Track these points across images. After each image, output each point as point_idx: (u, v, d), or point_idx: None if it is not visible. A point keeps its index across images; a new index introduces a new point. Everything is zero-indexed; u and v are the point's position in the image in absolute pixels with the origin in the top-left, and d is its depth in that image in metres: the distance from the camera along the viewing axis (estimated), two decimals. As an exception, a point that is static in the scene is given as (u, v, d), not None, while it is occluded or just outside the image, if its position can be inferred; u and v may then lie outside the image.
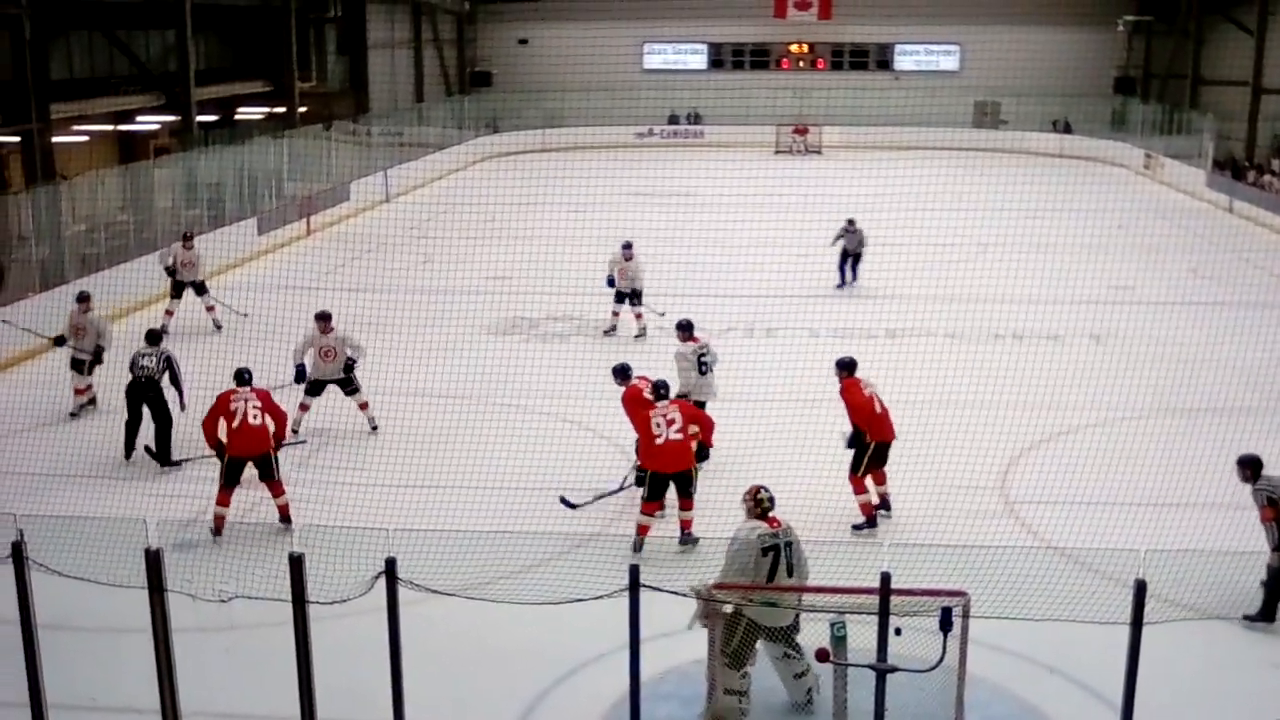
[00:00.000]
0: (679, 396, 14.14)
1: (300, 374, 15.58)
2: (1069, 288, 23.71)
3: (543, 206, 29.88)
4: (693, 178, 36.91)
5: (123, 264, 23.53)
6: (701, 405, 14.34)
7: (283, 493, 12.72)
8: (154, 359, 15.15)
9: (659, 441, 12.07)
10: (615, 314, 21.12)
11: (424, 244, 28.27)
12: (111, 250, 24.65)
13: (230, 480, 12.39)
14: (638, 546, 11.75)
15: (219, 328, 21.76)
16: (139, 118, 34.01)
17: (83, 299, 17.17)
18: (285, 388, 14.93)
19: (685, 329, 15.40)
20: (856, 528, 12.82)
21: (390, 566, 7.80)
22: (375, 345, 16.37)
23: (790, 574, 8.89)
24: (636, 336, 20.66)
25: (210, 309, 21.99)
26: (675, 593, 8.13)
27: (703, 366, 15.06)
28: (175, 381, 15.09)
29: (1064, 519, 12.85)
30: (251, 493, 13.89)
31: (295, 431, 15.16)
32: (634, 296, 20.91)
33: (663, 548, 8.82)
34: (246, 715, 9.46)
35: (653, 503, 12.05)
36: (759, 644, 8.90)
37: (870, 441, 12.87)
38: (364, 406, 15.92)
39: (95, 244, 24.86)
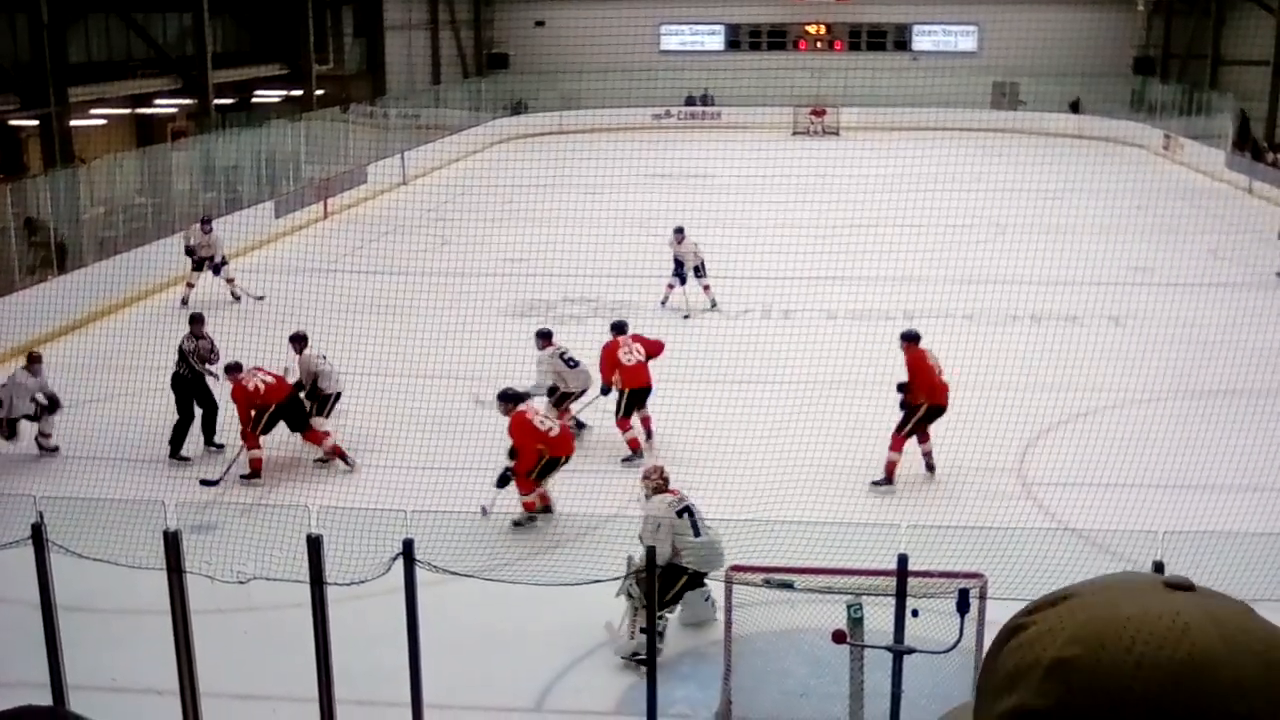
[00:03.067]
0: (552, 394, 14.97)
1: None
2: (1087, 269, 23.61)
3: (560, 189, 29.86)
4: (710, 159, 36.85)
5: (141, 247, 23.60)
6: (579, 395, 15.14)
7: (326, 436, 14.20)
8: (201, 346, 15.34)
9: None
10: (670, 286, 21.77)
11: (441, 226, 28.27)
12: (130, 233, 24.72)
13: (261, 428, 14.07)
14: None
15: (237, 299, 22.18)
16: (156, 101, 34.04)
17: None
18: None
19: (544, 336, 15.63)
20: (876, 483, 13.04)
21: (408, 548, 7.83)
22: (392, 327, 16.40)
23: (697, 533, 9.79)
24: (707, 310, 21.41)
25: (230, 281, 22.49)
26: (690, 572, 8.14)
27: (569, 363, 15.29)
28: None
29: (1081, 501, 12.82)
30: (271, 474, 13.97)
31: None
32: (698, 271, 21.61)
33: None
34: (265, 696, 9.51)
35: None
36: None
37: (923, 403, 13.51)
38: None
39: (113, 227, 24.93)
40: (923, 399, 13.54)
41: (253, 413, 14.05)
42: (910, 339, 14.00)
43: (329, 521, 8.13)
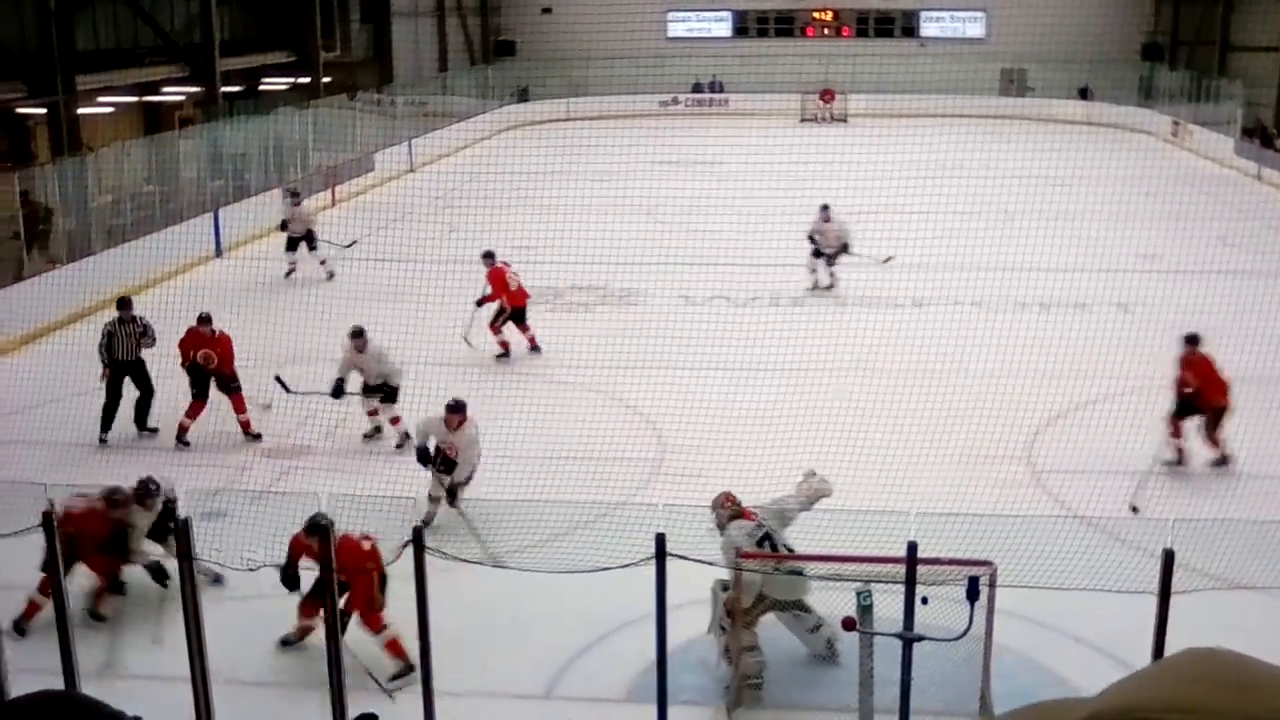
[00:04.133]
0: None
1: (339, 389, 14.91)
2: (1095, 256, 23.58)
3: (567, 176, 29.85)
4: (718, 146, 36.79)
5: (149, 235, 23.61)
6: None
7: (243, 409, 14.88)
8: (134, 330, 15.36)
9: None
10: (813, 271, 22.02)
11: (449, 214, 28.27)
12: (138, 221, 24.74)
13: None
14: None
15: (331, 276, 22.93)
16: (164, 89, 34.04)
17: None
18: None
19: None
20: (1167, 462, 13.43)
21: (417, 535, 7.84)
22: (400, 315, 16.38)
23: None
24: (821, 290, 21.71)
25: (323, 263, 23.22)
26: (702, 561, 8.15)
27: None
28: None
29: (1091, 488, 12.81)
30: (282, 461, 14.00)
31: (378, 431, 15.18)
32: (843, 250, 21.95)
33: (692, 519, 8.83)
34: (276, 683, 9.54)
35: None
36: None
37: (1204, 406, 13.64)
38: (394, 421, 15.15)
39: (121, 215, 24.94)
40: (1212, 398, 13.60)
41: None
42: (1192, 341, 14.04)
43: (339, 509, 8.15)
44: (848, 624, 7.62)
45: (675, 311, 20.16)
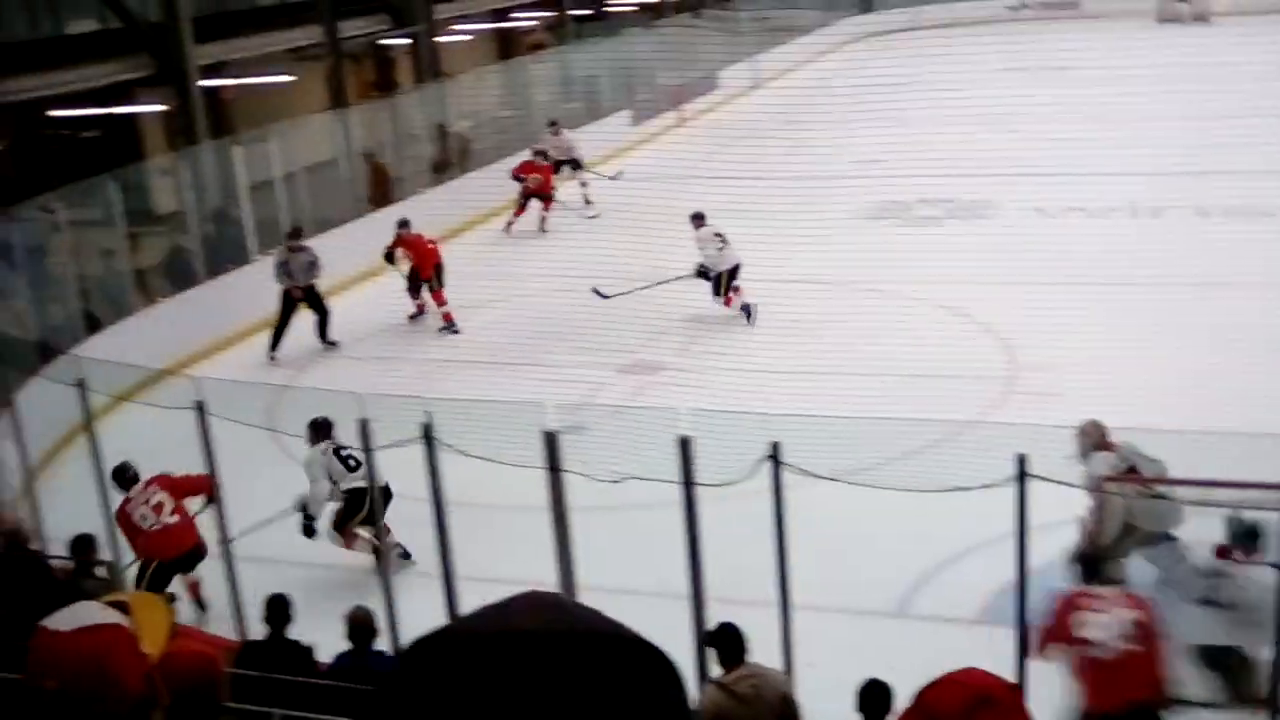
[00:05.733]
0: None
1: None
2: None
3: (913, 87, 29.26)
4: (1069, 51, 35.31)
5: (507, 158, 24.48)
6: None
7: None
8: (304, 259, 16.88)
9: None
10: None
11: (794, 129, 28.20)
12: (496, 145, 25.68)
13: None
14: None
15: (589, 203, 23.24)
16: (515, 15, 35.05)
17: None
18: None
19: (698, 218, 17.17)
20: None
21: (775, 451, 7.96)
22: (747, 233, 16.55)
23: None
24: None
25: (584, 185, 23.64)
26: (1065, 483, 7.99)
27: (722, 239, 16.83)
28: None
29: None
30: (641, 376, 14.39)
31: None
32: None
33: (1050, 440, 8.61)
34: (637, 590, 9.86)
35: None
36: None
37: None
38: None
39: (480, 139, 25.96)
40: None
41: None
42: None
43: (697, 424, 8.35)
44: (1222, 552, 7.35)
45: (1028, 224, 19.59)
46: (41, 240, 16.37)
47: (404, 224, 17.95)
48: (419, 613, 8.80)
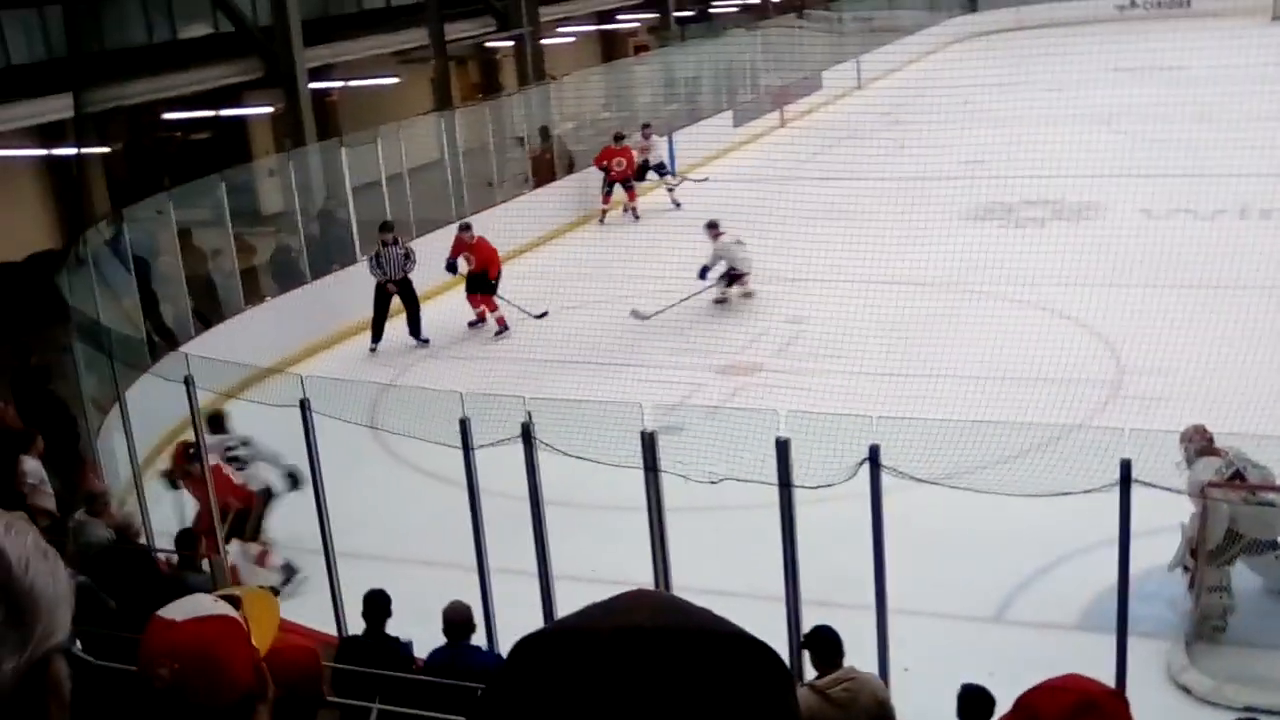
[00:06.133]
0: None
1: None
2: None
3: (1019, 87, 28.87)
4: (1180, 50, 34.65)
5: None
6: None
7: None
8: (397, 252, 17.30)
9: None
10: None
11: (897, 130, 27.98)
12: (597, 148, 25.79)
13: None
14: None
15: (678, 206, 23.35)
16: (619, 17, 35.17)
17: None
18: None
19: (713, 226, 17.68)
20: None
21: (874, 453, 7.92)
22: (848, 234, 16.45)
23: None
24: None
25: (670, 190, 23.94)
26: (1170, 489, 7.86)
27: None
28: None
29: None
30: (738, 377, 14.37)
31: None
32: None
33: (1158, 446, 8.46)
34: (732, 592, 9.85)
35: None
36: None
37: None
38: None
39: (582, 141, 26.09)
40: None
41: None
42: None
43: (796, 426, 8.32)
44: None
45: (1134, 226, 19.25)
46: (153, 240, 16.73)
47: (466, 227, 18.12)
48: (515, 610, 8.88)
